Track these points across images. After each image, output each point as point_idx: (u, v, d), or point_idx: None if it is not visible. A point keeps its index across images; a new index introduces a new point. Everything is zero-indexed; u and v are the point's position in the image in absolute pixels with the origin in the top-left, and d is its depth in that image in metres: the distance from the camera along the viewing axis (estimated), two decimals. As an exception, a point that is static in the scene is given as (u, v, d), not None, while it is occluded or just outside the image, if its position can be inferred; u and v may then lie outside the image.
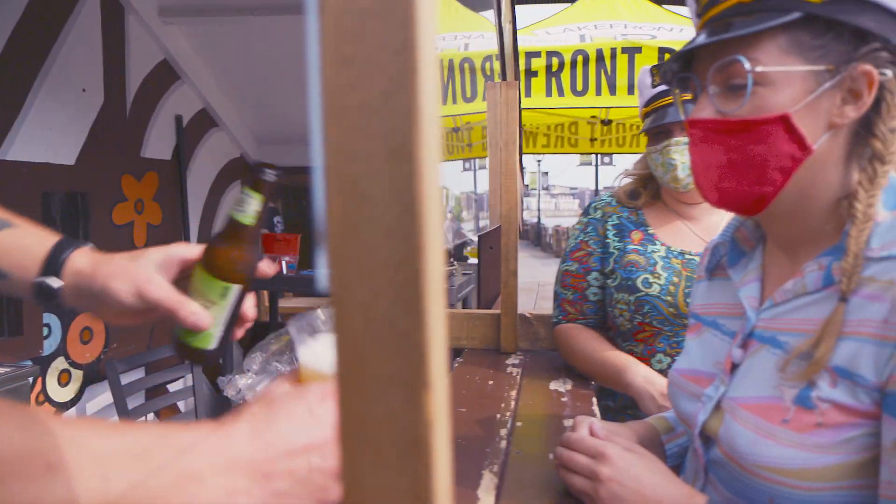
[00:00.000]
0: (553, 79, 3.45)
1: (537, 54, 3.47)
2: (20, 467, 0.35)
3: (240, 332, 0.74)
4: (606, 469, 0.72)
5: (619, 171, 1.52)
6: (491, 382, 1.26)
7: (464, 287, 2.52)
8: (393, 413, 0.26)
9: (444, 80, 2.87)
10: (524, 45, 3.64)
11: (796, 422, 0.63)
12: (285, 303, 3.93)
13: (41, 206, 1.76)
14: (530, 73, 3.47)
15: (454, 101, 2.91)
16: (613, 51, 3.26)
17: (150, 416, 2.22)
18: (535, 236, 22.68)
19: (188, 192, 2.41)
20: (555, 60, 3.46)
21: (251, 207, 0.66)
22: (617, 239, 1.33)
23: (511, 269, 1.49)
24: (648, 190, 1.36)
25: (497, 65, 1.98)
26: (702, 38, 0.66)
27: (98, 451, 0.38)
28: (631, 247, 1.31)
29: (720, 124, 0.66)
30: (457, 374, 1.32)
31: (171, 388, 2.32)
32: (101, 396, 1.93)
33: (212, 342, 0.69)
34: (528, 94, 3.52)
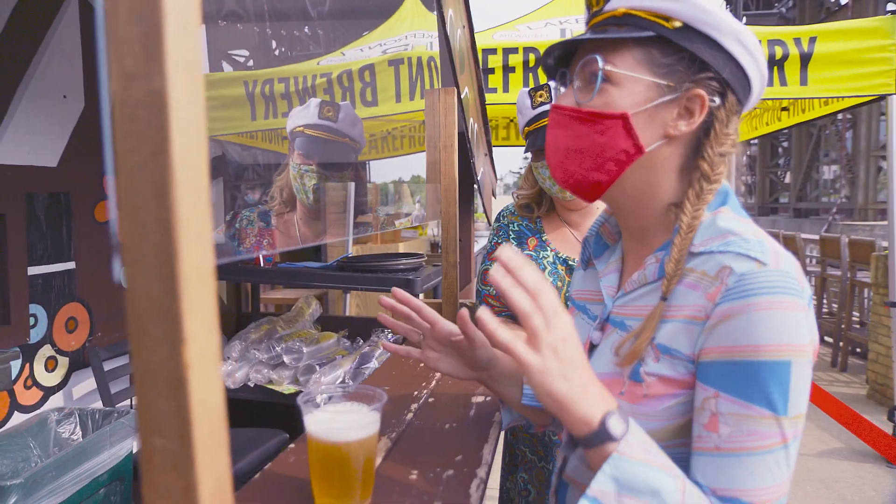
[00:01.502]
0: (530, 74, 3.56)
1: (514, 50, 3.58)
2: None
3: None
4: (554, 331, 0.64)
5: None
6: (422, 365, 1.38)
7: (432, 278, 2.64)
8: (164, 360, 0.40)
9: (414, 76, 2.97)
10: (504, 40, 3.74)
11: (630, 394, 0.72)
12: (273, 294, 4.08)
13: (25, 205, 1.89)
14: (508, 69, 3.58)
15: (423, 97, 3.03)
16: (589, 46, 3.38)
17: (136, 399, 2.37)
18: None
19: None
20: (531, 56, 3.57)
21: None
22: (515, 244, 1.47)
23: (451, 261, 1.62)
24: (543, 204, 1.49)
25: (463, 64, 2.10)
26: (573, 37, 0.77)
27: None
28: (526, 252, 1.45)
29: (573, 111, 0.75)
30: (393, 357, 1.45)
31: (156, 374, 2.47)
32: (87, 381, 2.07)
33: None
34: (505, 90, 3.63)
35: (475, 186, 2.64)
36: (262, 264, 2.69)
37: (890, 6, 17.48)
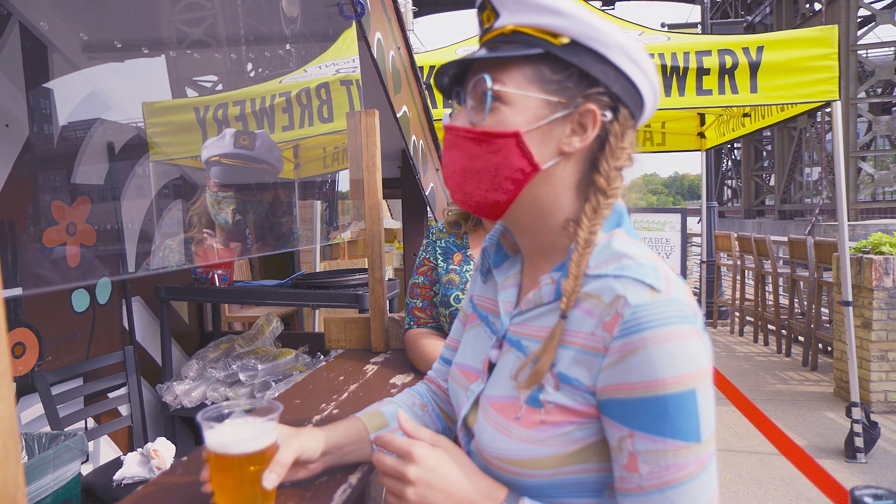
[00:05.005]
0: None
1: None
2: None
3: None
4: (414, 470, 0.71)
5: None
6: (342, 378, 1.43)
7: (387, 291, 2.69)
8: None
9: (364, 96, 3.03)
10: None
11: (526, 419, 0.71)
12: (242, 313, 4.11)
13: (-32, 234, 1.93)
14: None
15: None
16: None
17: (90, 421, 2.39)
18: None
19: (122, 215, 2.59)
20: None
21: None
22: (442, 259, 1.53)
23: (377, 277, 1.67)
24: (470, 220, 1.56)
25: (399, 83, 2.16)
26: (462, 56, 0.76)
27: None
28: (451, 267, 1.51)
29: (466, 132, 0.74)
30: (317, 371, 1.49)
31: (112, 394, 2.49)
32: (36, 406, 2.10)
33: None
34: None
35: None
36: (217, 283, 2.74)
37: (861, 11, 17.79)
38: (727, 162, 31.48)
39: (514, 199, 0.75)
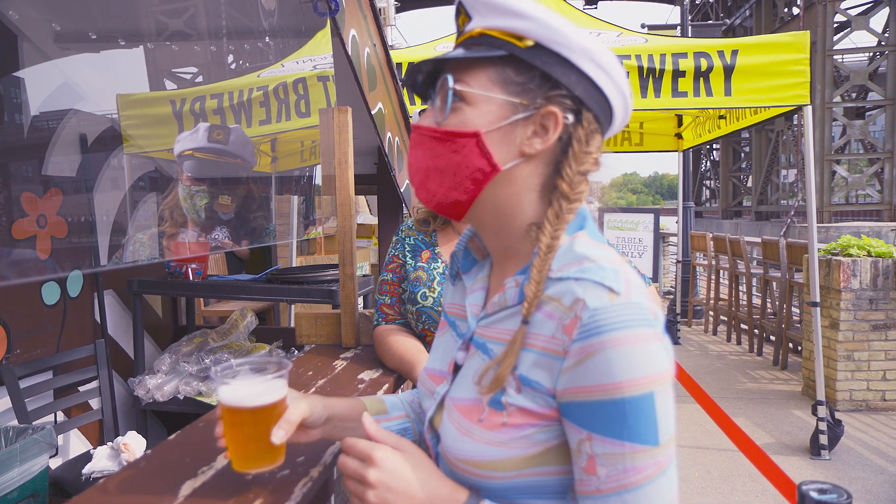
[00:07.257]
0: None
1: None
2: None
3: None
4: (374, 473, 0.72)
5: None
6: (310, 373, 1.44)
7: (361, 286, 2.70)
8: None
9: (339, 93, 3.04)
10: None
11: (488, 421, 0.72)
12: (219, 307, 4.09)
13: (-65, 225, 1.90)
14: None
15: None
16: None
17: (60, 414, 2.37)
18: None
19: (95, 207, 2.56)
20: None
21: None
22: (410, 256, 1.55)
23: (348, 273, 1.68)
24: (438, 218, 1.58)
25: (374, 80, 2.17)
26: (430, 57, 0.78)
27: None
28: (419, 264, 1.53)
29: (430, 131, 0.76)
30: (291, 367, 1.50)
31: (83, 388, 2.47)
32: (3, 400, 2.08)
33: None
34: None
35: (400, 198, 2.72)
36: (191, 278, 2.72)
37: (838, 17, 18.12)
38: (706, 162, 31.86)
39: (474, 198, 0.76)
